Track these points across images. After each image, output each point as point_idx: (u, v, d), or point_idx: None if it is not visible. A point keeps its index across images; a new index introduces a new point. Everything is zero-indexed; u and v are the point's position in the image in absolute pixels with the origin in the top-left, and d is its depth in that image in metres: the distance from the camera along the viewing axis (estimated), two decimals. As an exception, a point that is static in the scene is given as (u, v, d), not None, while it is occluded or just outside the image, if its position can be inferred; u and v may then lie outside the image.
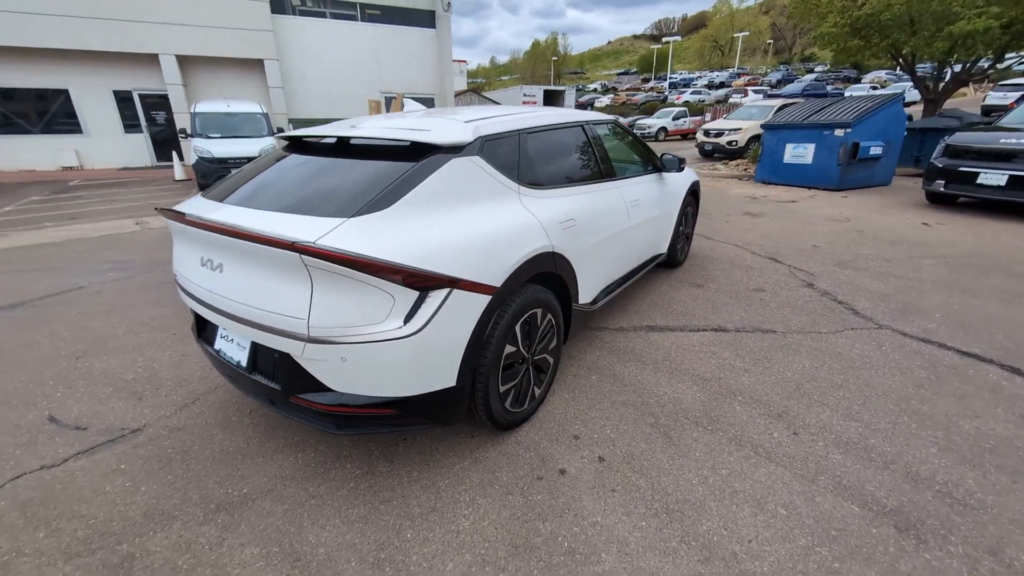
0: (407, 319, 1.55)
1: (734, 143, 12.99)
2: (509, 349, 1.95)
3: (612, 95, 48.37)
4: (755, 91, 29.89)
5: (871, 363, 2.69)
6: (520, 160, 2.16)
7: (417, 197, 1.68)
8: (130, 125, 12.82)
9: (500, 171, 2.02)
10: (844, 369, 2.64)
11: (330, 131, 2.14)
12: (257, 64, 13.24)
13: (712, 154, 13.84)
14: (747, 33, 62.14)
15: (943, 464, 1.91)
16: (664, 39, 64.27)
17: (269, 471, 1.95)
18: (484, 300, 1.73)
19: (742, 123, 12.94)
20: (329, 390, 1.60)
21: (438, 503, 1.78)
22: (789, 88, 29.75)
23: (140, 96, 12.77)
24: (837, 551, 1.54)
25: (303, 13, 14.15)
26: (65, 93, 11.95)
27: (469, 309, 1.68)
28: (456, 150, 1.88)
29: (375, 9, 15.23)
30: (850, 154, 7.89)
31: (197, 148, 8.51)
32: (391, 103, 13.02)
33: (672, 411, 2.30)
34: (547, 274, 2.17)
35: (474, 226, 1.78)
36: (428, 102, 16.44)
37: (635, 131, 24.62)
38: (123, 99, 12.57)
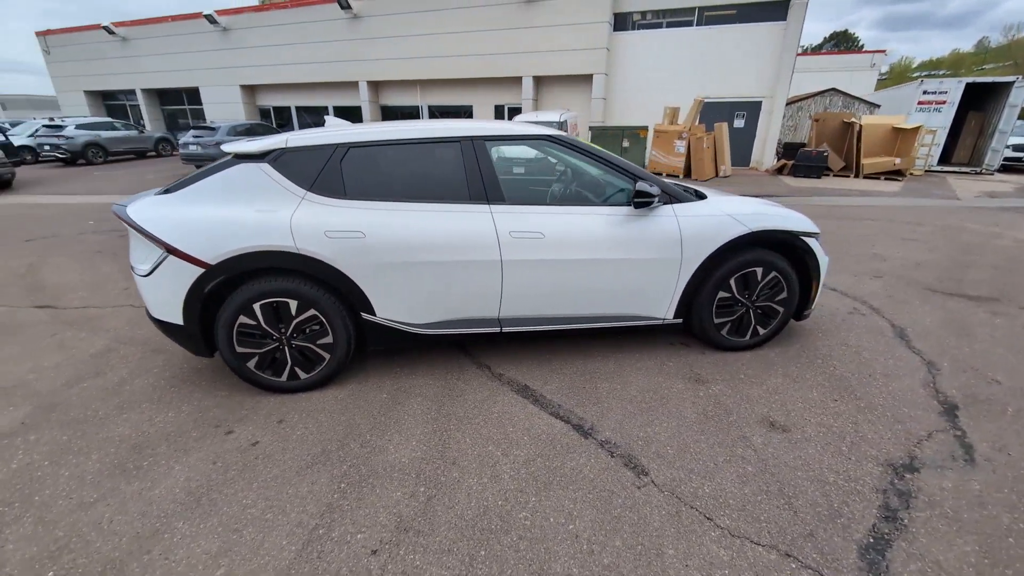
0: (153, 266, 2.34)
1: None
2: (246, 320, 2.40)
3: None
4: None
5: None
6: (324, 171, 2.43)
7: (198, 188, 2.38)
8: (498, 130, 17.51)
9: (289, 178, 2.40)
10: (611, 567, 1.54)
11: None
12: (587, 78, 15.22)
13: None
14: None
15: None
16: None
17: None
18: (197, 271, 2.28)
19: None
20: (150, 302, 2.61)
21: (164, 397, 2.53)
22: None
23: (508, 108, 17.17)
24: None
25: (642, 27, 14.99)
26: (469, 108, 17.56)
27: (182, 273, 2.29)
28: (252, 158, 2.42)
29: (730, 8, 14.31)
30: None
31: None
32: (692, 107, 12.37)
33: (365, 455, 2.11)
34: (311, 273, 2.40)
35: (218, 214, 2.31)
36: (754, 107, 14.41)
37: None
38: (498, 111, 17.27)
